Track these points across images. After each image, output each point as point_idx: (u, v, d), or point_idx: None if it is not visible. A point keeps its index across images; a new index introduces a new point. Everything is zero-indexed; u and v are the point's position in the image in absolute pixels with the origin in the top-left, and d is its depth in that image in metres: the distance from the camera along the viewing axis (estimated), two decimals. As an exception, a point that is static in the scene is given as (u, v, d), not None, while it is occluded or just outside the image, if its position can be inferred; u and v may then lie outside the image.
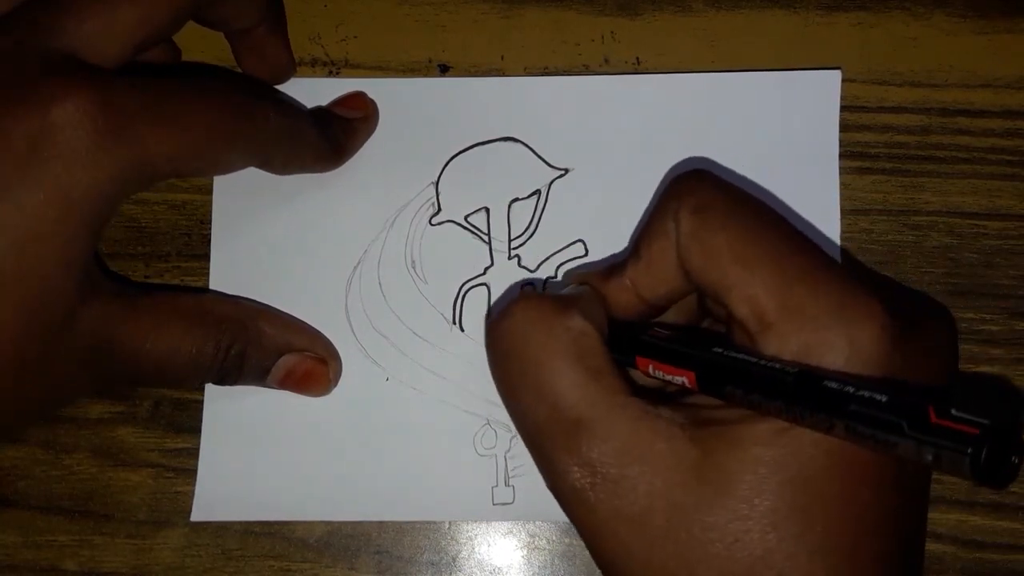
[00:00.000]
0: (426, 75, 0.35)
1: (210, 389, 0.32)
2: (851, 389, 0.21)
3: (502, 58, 0.35)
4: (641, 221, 0.33)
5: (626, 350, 0.26)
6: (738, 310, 0.23)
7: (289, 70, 0.33)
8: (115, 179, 0.24)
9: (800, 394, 0.21)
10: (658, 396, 0.25)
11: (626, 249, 0.33)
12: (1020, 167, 0.34)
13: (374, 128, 0.33)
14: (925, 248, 0.33)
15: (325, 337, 0.32)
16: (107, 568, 0.32)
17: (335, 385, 0.32)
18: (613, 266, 0.27)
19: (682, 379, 0.25)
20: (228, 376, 0.29)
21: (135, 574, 0.32)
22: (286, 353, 0.30)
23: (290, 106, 0.30)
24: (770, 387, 0.22)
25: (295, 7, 0.35)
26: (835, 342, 0.22)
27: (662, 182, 0.33)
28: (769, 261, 0.23)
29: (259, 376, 0.30)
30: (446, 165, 0.34)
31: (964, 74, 0.34)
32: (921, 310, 0.26)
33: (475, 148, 0.34)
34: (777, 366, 0.22)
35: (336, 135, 0.32)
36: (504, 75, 0.35)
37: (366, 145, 0.33)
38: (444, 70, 0.35)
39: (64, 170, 0.23)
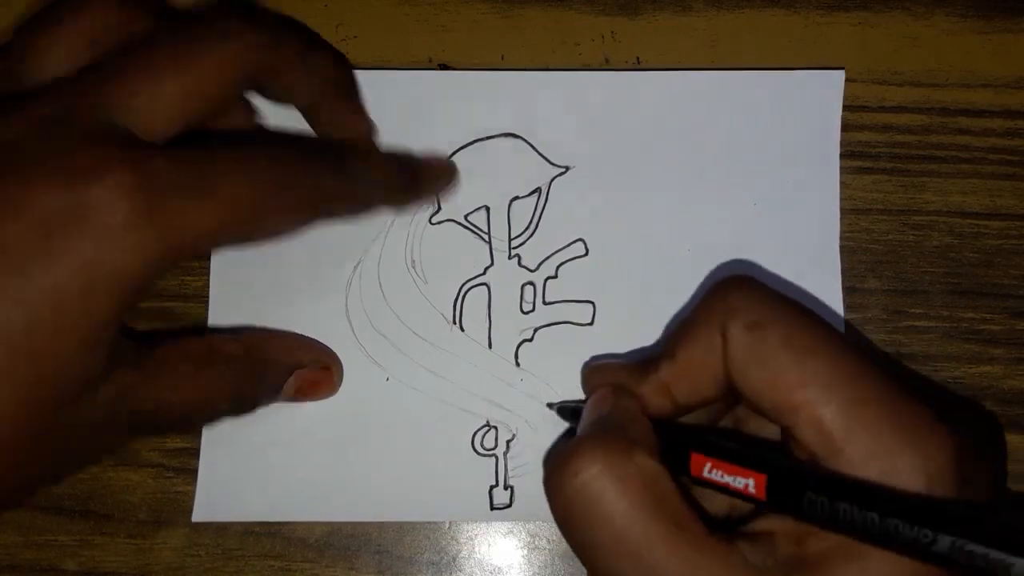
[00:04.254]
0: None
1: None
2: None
3: (502, 58, 0.35)
4: (673, 320, 0.32)
5: (679, 449, 0.25)
6: (803, 433, 0.23)
7: (367, 131, 0.33)
8: (147, 261, 0.23)
9: (925, 514, 0.20)
10: (723, 524, 0.24)
11: (656, 343, 0.32)
12: (1020, 167, 0.34)
13: (453, 182, 0.33)
14: (925, 248, 0.33)
15: (323, 344, 0.32)
16: (107, 568, 0.32)
17: (340, 385, 0.32)
18: (645, 364, 0.27)
19: (746, 481, 0.23)
20: (244, 407, 0.29)
21: (135, 574, 0.32)
22: (295, 370, 0.30)
23: (353, 162, 0.29)
24: (875, 502, 0.21)
25: (295, 7, 0.35)
26: (909, 471, 0.22)
27: (703, 284, 0.32)
28: (834, 384, 0.23)
29: (272, 398, 0.30)
30: (446, 162, 0.34)
31: (964, 74, 0.34)
32: (975, 424, 0.26)
33: (475, 143, 0.34)
34: (870, 483, 0.21)
35: (416, 176, 0.32)
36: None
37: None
38: (444, 70, 0.35)
39: (93, 249, 0.22)
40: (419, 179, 0.32)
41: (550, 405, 0.32)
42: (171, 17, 0.27)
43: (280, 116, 0.32)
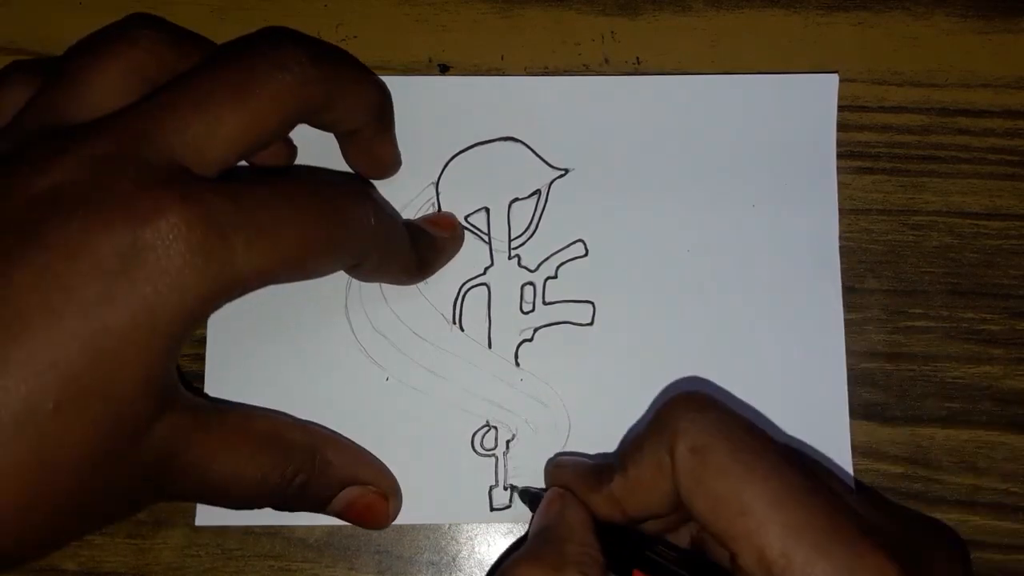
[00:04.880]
0: (426, 75, 0.35)
1: (209, 389, 0.32)
2: None
3: (502, 58, 0.35)
4: (631, 431, 0.32)
5: (626, 561, 0.26)
6: (745, 561, 0.23)
7: (395, 167, 0.33)
8: (204, 298, 0.23)
9: None
10: None
11: (616, 451, 0.32)
12: (1020, 167, 0.34)
13: (458, 249, 0.33)
14: (925, 248, 0.33)
15: (390, 472, 0.31)
16: (107, 568, 0.32)
17: (393, 521, 0.31)
18: (599, 472, 0.27)
19: None
20: (288, 504, 0.28)
21: (135, 574, 0.32)
22: (349, 485, 0.29)
23: (387, 212, 0.29)
24: None
25: (295, 7, 0.35)
26: None
27: (658, 398, 0.32)
28: (774, 511, 0.23)
29: (320, 505, 0.29)
30: (446, 165, 0.34)
31: (964, 74, 0.34)
32: (929, 541, 0.26)
33: (475, 148, 0.34)
34: None
35: (423, 249, 0.31)
36: (504, 75, 0.35)
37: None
38: (444, 70, 0.35)
39: (152, 291, 0.22)
40: (437, 252, 0.32)
41: (514, 488, 0.32)
42: (225, 46, 0.26)
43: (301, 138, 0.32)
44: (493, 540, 0.32)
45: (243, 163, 0.27)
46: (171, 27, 0.28)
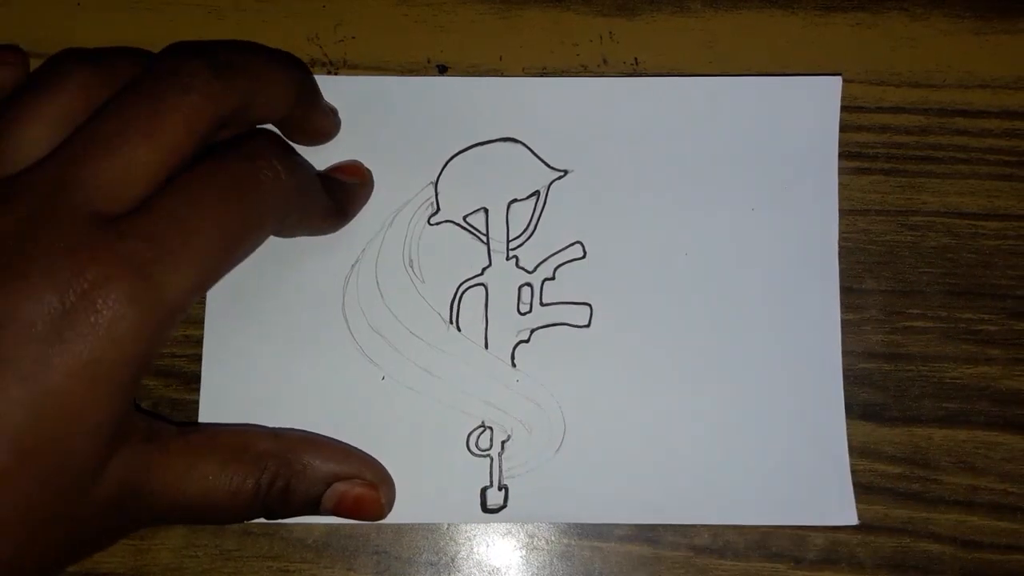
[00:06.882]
0: (425, 75, 0.35)
1: (206, 388, 0.32)
2: None
3: (500, 58, 0.35)
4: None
5: None
6: None
7: (335, 130, 0.33)
8: (143, 340, 0.23)
9: None
10: None
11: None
12: (1018, 167, 0.34)
13: (371, 194, 0.33)
14: (923, 248, 0.33)
15: (377, 462, 0.31)
16: (105, 569, 0.32)
17: (390, 510, 0.31)
18: None
19: None
20: (274, 510, 0.28)
21: (134, 575, 0.32)
22: (333, 482, 0.29)
23: (297, 162, 0.29)
24: None
25: (294, 7, 0.35)
26: None
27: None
28: None
29: (309, 507, 0.29)
30: (445, 165, 0.34)
31: (962, 74, 0.34)
32: None
33: (474, 148, 0.34)
34: None
35: (340, 197, 0.32)
36: (503, 75, 0.35)
37: (366, 144, 0.33)
38: (443, 70, 0.35)
39: (87, 349, 0.22)
40: (351, 198, 0.33)
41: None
42: (138, 76, 0.26)
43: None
44: (492, 541, 0.32)
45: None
46: (100, 58, 0.27)
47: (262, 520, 0.31)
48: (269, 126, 0.31)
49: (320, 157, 0.33)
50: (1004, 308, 0.33)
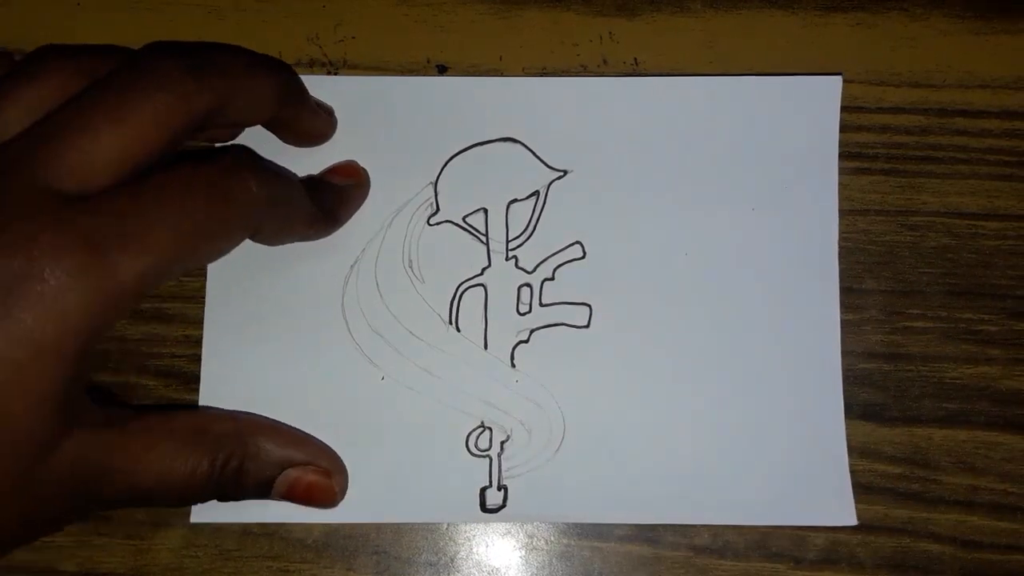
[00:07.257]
0: (425, 75, 0.35)
1: (205, 389, 0.32)
2: None
3: (500, 58, 0.35)
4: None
5: None
6: None
7: (329, 130, 0.33)
8: (91, 315, 0.23)
9: None
10: None
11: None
12: (1018, 167, 0.34)
13: (366, 195, 0.33)
14: (923, 248, 0.33)
15: (332, 451, 0.31)
16: (105, 569, 0.32)
17: (342, 498, 0.31)
18: None
19: None
20: (227, 491, 0.29)
21: (133, 575, 0.32)
22: (287, 467, 0.30)
23: (277, 175, 0.29)
24: None
25: (294, 7, 0.35)
26: None
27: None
28: None
29: (261, 490, 0.29)
30: (445, 165, 0.34)
31: (962, 74, 0.34)
32: None
33: (474, 148, 0.34)
34: None
35: (330, 202, 0.32)
36: (503, 75, 0.35)
37: (365, 144, 0.33)
38: (443, 70, 0.35)
39: (32, 318, 0.23)
40: (343, 201, 0.32)
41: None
42: (113, 70, 0.26)
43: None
44: (491, 541, 0.32)
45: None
46: (79, 52, 0.27)
47: (259, 520, 0.31)
48: (259, 128, 0.31)
49: (319, 157, 0.33)
50: (1004, 308, 0.33)
